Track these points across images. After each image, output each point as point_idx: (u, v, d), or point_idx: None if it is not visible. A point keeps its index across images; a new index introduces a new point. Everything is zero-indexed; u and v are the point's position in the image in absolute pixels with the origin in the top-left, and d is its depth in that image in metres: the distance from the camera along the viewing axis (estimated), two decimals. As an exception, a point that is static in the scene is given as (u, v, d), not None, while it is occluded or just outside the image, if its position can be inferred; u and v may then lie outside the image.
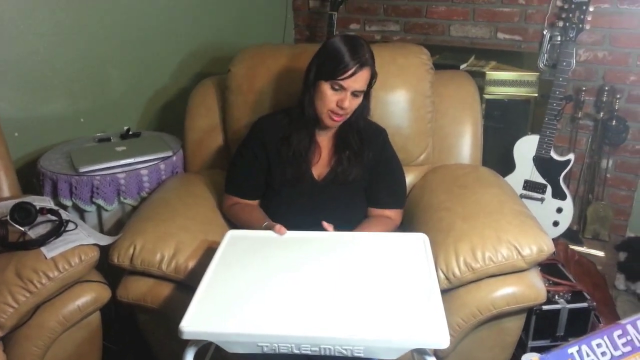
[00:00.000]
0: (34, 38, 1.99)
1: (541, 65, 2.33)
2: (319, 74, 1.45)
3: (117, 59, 2.23)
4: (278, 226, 1.36)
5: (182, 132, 2.00)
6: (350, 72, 1.39)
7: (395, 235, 1.39)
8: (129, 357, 1.88)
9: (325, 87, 1.43)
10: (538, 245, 1.38)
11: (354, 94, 1.43)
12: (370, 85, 1.48)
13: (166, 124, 2.40)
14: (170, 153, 1.94)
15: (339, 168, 1.55)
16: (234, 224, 1.60)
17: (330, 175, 1.56)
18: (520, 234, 1.40)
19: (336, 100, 1.43)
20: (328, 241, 1.34)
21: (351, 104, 1.44)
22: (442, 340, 0.99)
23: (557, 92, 2.15)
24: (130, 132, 2.13)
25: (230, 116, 1.88)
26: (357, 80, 1.41)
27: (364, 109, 1.54)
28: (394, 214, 1.63)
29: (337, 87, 1.42)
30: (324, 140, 1.59)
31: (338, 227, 1.42)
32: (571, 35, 2.10)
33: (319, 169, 1.58)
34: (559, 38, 2.26)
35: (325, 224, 1.41)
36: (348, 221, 1.52)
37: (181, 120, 1.99)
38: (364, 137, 1.57)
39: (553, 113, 2.16)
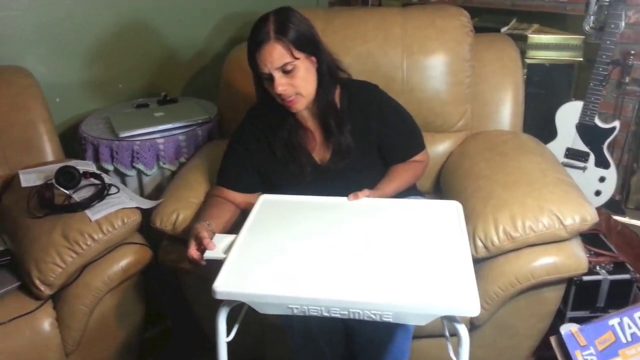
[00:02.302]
0: (71, 3, 2.01)
1: (587, 28, 2.22)
2: (253, 73, 1.36)
3: (153, 24, 2.24)
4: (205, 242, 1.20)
5: (217, 98, 2.01)
6: (255, 56, 1.29)
7: (428, 202, 1.37)
8: (170, 316, 1.94)
9: (264, 82, 1.34)
10: (581, 214, 1.35)
11: (284, 71, 1.30)
12: (308, 52, 1.33)
13: (202, 89, 2.41)
14: (207, 119, 1.96)
15: (336, 150, 1.44)
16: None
17: (333, 156, 1.46)
18: (562, 203, 1.37)
19: (274, 89, 1.32)
20: (359, 207, 1.33)
21: (288, 82, 1.31)
22: (472, 308, 0.97)
23: (604, 56, 2.05)
24: (167, 98, 2.15)
25: (266, 81, 1.87)
26: (266, 58, 1.28)
27: (325, 80, 1.39)
28: (420, 156, 1.55)
29: (265, 75, 1.31)
30: (311, 123, 1.47)
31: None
32: (621, -4, 1.99)
33: (320, 153, 1.48)
34: (607, -1, 2.15)
35: (352, 195, 1.35)
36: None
37: (216, 85, 1.99)
38: (355, 107, 1.46)
39: (599, 78, 2.08)
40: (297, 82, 1.32)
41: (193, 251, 1.21)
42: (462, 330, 1.01)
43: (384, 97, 1.52)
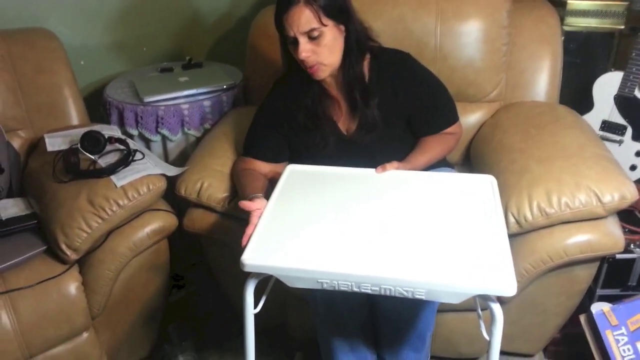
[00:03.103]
0: (94, -37, 1.97)
1: (632, -7, 2.11)
2: (280, 37, 1.31)
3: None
4: (248, 204, 1.18)
5: (242, 63, 1.96)
6: (281, 18, 1.24)
7: (461, 176, 1.33)
8: (194, 283, 1.95)
9: (289, 46, 1.30)
10: (620, 192, 1.29)
11: (310, 37, 1.25)
12: (337, 18, 1.27)
13: (227, 53, 2.37)
14: (231, 85, 1.92)
15: (362, 122, 1.40)
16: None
17: (358, 128, 1.41)
18: (601, 179, 1.31)
19: (297, 54, 1.27)
20: (390, 179, 1.29)
21: (312, 49, 1.26)
22: (509, 287, 0.94)
23: (650, 25, 1.95)
24: (192, 62, 2.11)
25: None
26: (293, 22, 1.23)
27: (354, 51, 1.33)
28: (453, 128, 1.50)
29: (290, 39, 1.27)
30: (336, 92, 1.43)
31: None
32: (673, -41, 1.87)
33: (346, 123, 1.44)
34: (656, -38, 2.03)
35: (380, 167, 1.31)
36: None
37: (242, 50, 1.94)
38: (385, 77, 1.39)
39: (642, 48, 1.97)
40: (321, 50, 1.28)
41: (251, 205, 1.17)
42: (497, 309, 0.98)
43: (415, 67, 1.45)
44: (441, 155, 1.49)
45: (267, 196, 1.24)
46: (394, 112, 1.42)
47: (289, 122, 1.45)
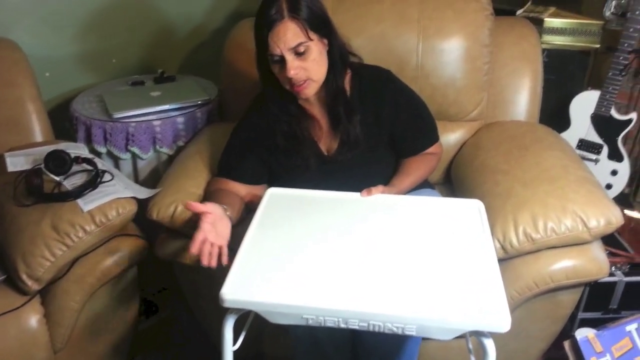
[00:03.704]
0: (62, -30, 1.88)
1: (607, 13, 2.12)
2: (259, 56, 1.26)
3: (149, -5, 2.11)
4: (194, 205, 1.11)
5: (217, 77, 1.90)
6: (265, 35, 1.18)
7: (448, 201, 1.30)
8: (165, 309, 1.86)
9: (270, 64, 1.24)
10: (606, 217, 1.27)
11: (297, 52, 1.20)
12: (320, 32, 1.24)
13: (201, 66, 2.29)
14: (207, 100, 1.85)
15: (344, 140, 1.36)
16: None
17: (340, 146, 1.37)
18: (587, 204, 1.29)
19: (284, 73, 1.22)
20: (375, 204, 1.25)
21: (300, 65, 1.21)
22: (503, 323, 0.91)
23: (626, 44, 1.96)
24: (165, 76, 2.03)
25: (270, 62, 1.76)
26: (279, 38, 1.18)
27: (337, 64, 1.30)
28: (434, 148, 1.48)
29: (275, 58, 1.21)
30: (318, 111, 1.38)
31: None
32: (647, -20, 1.89)
33: (327, 142, 1.39)
34: (631, -17, 2.05)
35: (365, 191, 1.26)
36: (377, 183, 1.33)
37: (217, 63, 1.88)
38: (367, 95, 1.36)
39: (619, 67, 1.98)
40: (309, 65, 1.23)
41: (197, 246, 1.08)
42: (489, 344, 0.95)
43: (397, 84, 1.42)
44: (424, 176, 1.46)
45: (243, 222, 1.18)
46: (376, 129, 1.38)
47: (267, 143, 1.39)
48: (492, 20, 1.70)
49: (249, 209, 1.35)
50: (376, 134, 1.39)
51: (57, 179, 1.38)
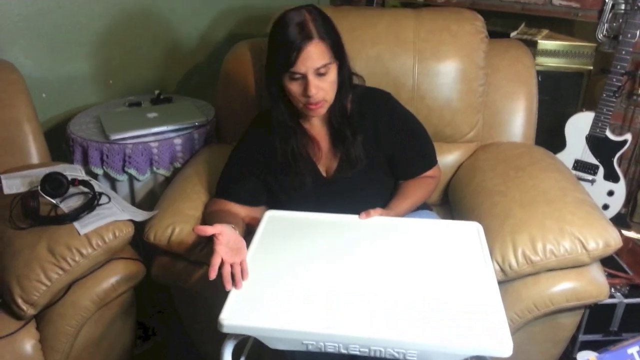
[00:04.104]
0: (58, -8, 1.89)
1: (600, 36, 2.16)
2: (273, 69, 1.27)
3: (146, 17, 2.12)
4: (203, 228, 1.07)
5: (214, 98, 1.90)
6: (294, 55, 1.20)
7: (447, 223, 1.30)
8: (161, 332, 1.84)
9: (287, 82, 1.25)
10: (604, 239, 1.28)
11: (319, 73, 1.23)
12: (336, 54, 1.26)
13: (197, 88, 2.31)
14: (203, 121, 1.85)
15: (344, 160, 1.37)
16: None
17: (339, 167, 1.38)
18: (585, 226, 1.29)
19: (301, 91, 1.25)
20: (374, 227, 1.25)
21: (319, 85, 1.24)
22: (504, 348, 0.91)
23: (619, 67, 1.98)
24: (162, 97, 2.04)
25: (267, 83, 1.77)
26: (307, 59, 1.20)
27: (345, 86, 1.33)
28: (433, 172, 1.49)
29: (296, 76, 1.23)
30: (319, 131, 1.40)
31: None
32: (639, 4, 1.92)
33: (326, 163, 1.40)
34: (622, 7, 2.08)
35: (364, 213, 1.27)
36: (375, 206, 1.34)
37: (213, 84, 1.89)
38: (367, 117, 1.38)
39: (612, 89, 2.01)
40: (327, 86, 1.26)
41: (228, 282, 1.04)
42: (491, 371, 0.93)
43: (397, 107, 1.44)
44: (422, 200, 1.46)
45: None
46: (375, 151, 1.39)
47: (266, 163, 1.39)
48: (486, 42, 1.72)
49: (248, 231, 1.34)
50: (375, 155, 1.40)
51: (54, 201, 1.37)
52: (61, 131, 1.87)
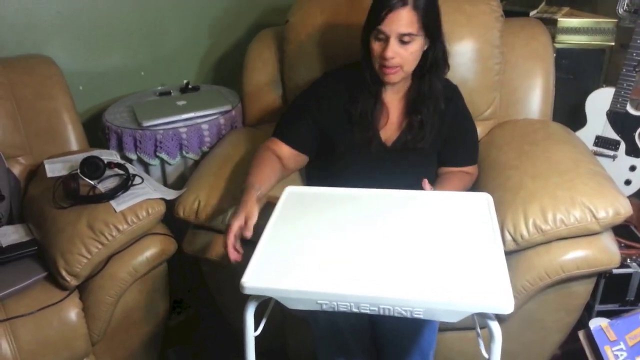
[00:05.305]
0: (93, -10, 2.00)
1: (621, 11, 2.14)
2: (366, 25, 1.35)
3: (174, 11, 2.22)
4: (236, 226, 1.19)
5: (239, 86, 1.99)
6: (383, 13, 1.27)
7: (458, 195, 1.34)
8: (193, 305, 1.95)
9: (372, 40, 1.33)
10: (615, 207, 1.31)
11: (402, 40, 1.29)
12: (428, 30, 1.33)
13: (223, 77, 2.39)
14: (229, 107, 1.94)
15: (409, 134, 1.45)
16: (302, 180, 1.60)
17: (400, 140, 1.46)
18: (595, 195, 1.33)
19: (381, 52, 1.31)
20: (389, 199, 1.30)
21: (398, 51, 1.30)
22: (506, 305, 0.95)
23: (638, 41, 1.98)
24: (190, 86, 2.13)
25: (289, 69, 1.84)
26: (395, 21, 1.27)
27: (435, 66, 1.40)
28: (472, 169, 1.57)
29: (380, 36, 1.30)
30: (393, 101, 1.48)
31: None
32: (659, -23, 1.91)
33: (388, 132, 1.47)
34: (643, -20, 2.07)
35: (425, 182, 1.34)
36: (419, 184, 1.40)
37: (238, 73, 1.97)
38: (436, 100, 1.45)
39: (632, 64, 2.00)
40: (406, 55, 1.32)
41: (232, 240, 1.18)
42: (495, 326, 0.99)
43: (462, 100, 1.56)
44: (460, 190, 1.50)
45: (263, 217, 1.24)
46: (437, 134, 1.47)
47: (334, 116, 1.46)
48: (502, 21, 1.74)
49: (282, 176, 1.44)
50: (436, 138, 1.47)
51: (92, 182, 1.48)
52: (98, 121, 1.99)
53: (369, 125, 1.44)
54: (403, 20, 1.27)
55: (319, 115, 1.47)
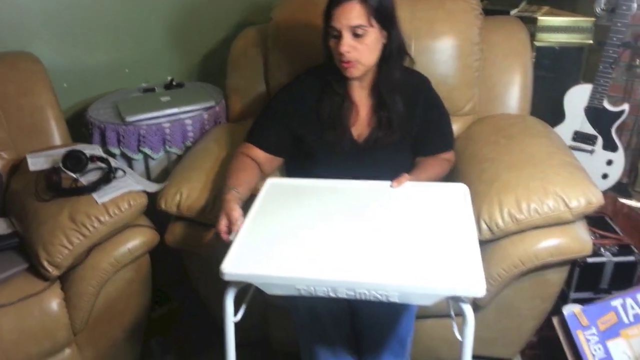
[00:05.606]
0: (78, -13, 2.01)
1: (598, 10, 2.19)
2: (323, 27, 1.38)
3: (159, 8, 2.23)
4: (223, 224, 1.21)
5: (223, 82, 2.01)
6: (332, 10, 1.31)
7: (435, 185, 1.37)
8: (176, 297, 1.97)
9: (329, 39, 1.37)
10: (586, 197, 1.34)
11: (355, 33, 1.32)
12: (381, 21, 1.35)
13: (208, 74, 2.41)
14: (213, 103, 1.96)
15: (380, 131, 1.47)
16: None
17: (372, 137, 1.48)
18: (568, 185, 1.36)
19: (338, 47, 1.34)
20: (367, 190, 1.33)
21: (353, 45, 1.33)
22: (478, 288, 0.98)
23: (615, 39, 2.03)
24: (174, 83, 2.15)
25: (273, 66, 1.86)
26: (343, 15, 1.30)
27: (393, 57, 1.42)
28: (449, 155, 1.59)
29: (335, 33, 1.34)
30: (362, 98, 1.50)
31: None
32: (633, -23, 1.96)
33: (359, 129, 1.50)
34: (619, -21, 2.12)
35: (396, 181, 1.33)
36: (396, 176, 1.40)
37: (222, 70, 1.99)
38: (405, 92, 1.47)
39: (608, 61, 2.05)
40: (362, 48, 1.34)
41: (223, 228, 1.20)
42: (468, 310, 1.01)
43: (432, 90, 1.57)
44: (437, 177, 1.52)
45: (244, 208, 1.26)
46: (408, 125, 1.49)
47: (301, 117, 1.49)
48: (481, 19, 1.78)
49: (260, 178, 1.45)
50: (407, 129, 1.49)
51: (74, 176, 1.49)
52: (82, 117, 1.99)
53: (338, 124, 1.47)
54: (351, 13, 1.31)
55: (289, 118, 1.50)
